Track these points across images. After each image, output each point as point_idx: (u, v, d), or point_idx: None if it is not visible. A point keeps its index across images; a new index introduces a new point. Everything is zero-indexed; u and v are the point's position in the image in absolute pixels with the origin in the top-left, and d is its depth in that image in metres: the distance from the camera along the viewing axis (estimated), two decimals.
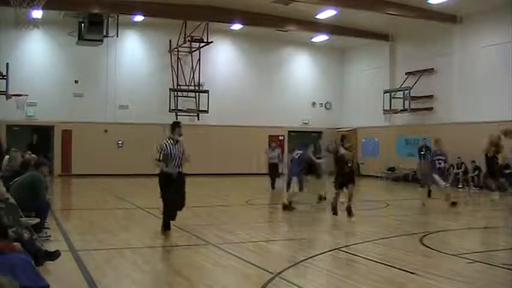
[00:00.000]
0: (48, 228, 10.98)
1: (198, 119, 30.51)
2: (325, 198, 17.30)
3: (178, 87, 30.16)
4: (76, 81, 29.11)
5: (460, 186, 24.86)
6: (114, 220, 13.59)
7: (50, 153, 27.88)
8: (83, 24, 26.52)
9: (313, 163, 17.26)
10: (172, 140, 11.54)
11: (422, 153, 25.94)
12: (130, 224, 13.12)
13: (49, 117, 28.19)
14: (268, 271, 7.94)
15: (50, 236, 10.41)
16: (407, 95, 28.56)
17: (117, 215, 14.84)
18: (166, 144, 11.44)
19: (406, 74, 29.49)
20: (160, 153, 11.38)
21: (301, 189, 16.08)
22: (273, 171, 22.97)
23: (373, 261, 8.77)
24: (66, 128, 28.84)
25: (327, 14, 26.66)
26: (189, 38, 29.01)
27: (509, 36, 23.96)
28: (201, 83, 30.65)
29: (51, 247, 8.76)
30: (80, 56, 28.77)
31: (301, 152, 16.52)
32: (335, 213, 14.01)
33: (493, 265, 8.85)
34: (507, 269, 8.51)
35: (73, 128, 28.89)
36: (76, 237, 10.68)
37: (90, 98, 29.27)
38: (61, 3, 24.02)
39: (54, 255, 7.97)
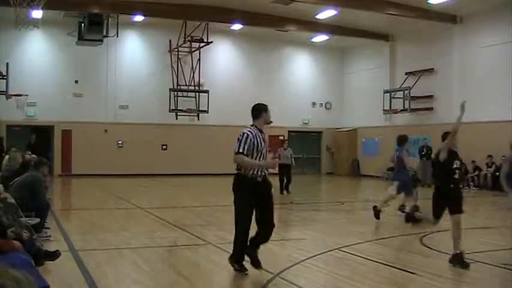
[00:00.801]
0: (48, 228, 10.98)
1: (198, 119, 30.55)
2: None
3: (178, 87, 30.17)
4: (76, 81, 29.12)
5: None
6: (114, 220, 13.59)
7: (49, 153, 27.89)
8: (82, 24, 26.52)
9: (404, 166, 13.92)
10: (258, 129, 7.80)
11: (423, 153, 25.97)
12: (130, 224, 13.11)
13: (49, 117, 28.20)
14: (268, 271, 7.93)
15: (50, 236, 10.41)
16: (407, 95, 28.57)
17: (117, 215, 14.84)
18: (251, 132, 7.68)
19: (406, 74, 29.49)
20: (244, 143, 7.58)
21: (414, 199, 13.57)
22: (284, 172, 20.82)
23: (373, 261, 8.77)
24: (66, 128, 28.84)
25: (327, 14, 26.67)
26: (189, 38, 29.02)
27: (509, 36, 23.96)
28: (201, 83, 30.67)
29: (51, 247, 8.76)
30: (80, 56, 28.77)
31: (397, 153, 13.99)
32: None
33: (493, 265, 8.84)
34: (507, 269, 8.51)
35: (73, 128, 28.90)
36: (76, 237, 10.67)
37: (90, 98, 29.27)
38: (61, 3, 24.01)
39: (54, 255, 7.97)
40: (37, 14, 22.19)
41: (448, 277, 7.77)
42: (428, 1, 24.08)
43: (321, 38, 32.24)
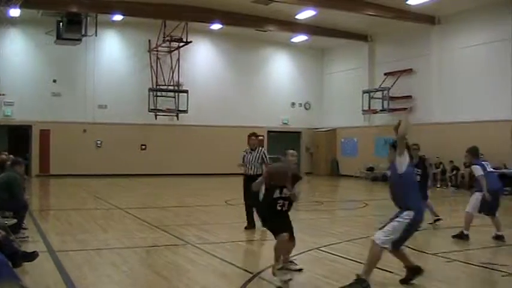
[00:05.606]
0: (25, 228, 10.87)
1: (178, 119, 30.49)
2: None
3: (158, 87, 30.09)
4: (54, 81, 28.86)
5: (438, 186, 25.11)
6: (92, 220, 13.49)
7: (27, 153, 27.63)
8: (61, 23, 26.28)
9: None
10: None
11: None
12: (109, 224, 13.02)
13: (27, 117, 27.91)
14: (247, 271, 7.95)
15: (27, 237, 10.32)
16: (386, 95, 28.74)
17: (95, 215, 14.73)
18: None
19: (385, 74, 29.68)
20: None
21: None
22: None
23: (352, 260, 8.80)
24: (44, 128, 28.56)
25: (306, 14, 26.74)
26: (168, 38, 28.94)
27: (487, 38, 24.26)
28: (180, 82, 30.61)
29: (29, 248, 8.70)
30: (58, 55, 28.55)
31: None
32: None
33: (470, 264, 8.95)
34: (483, 267, 8.61)
35: (51, 128, 28.63)
36: (54, 238, 10.59)
37: (69, 97, 29.05)
38: (39, 2, 23.85)
39: (32, 256, 7.90)
40: (15, 12, 22.02)
41: (426, 276, 7.82)
42: (407, 2, 24.24)
43: (300, 38, 32.32)
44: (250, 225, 11.99)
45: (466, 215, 10.85)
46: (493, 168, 11.75)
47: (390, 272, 7.97)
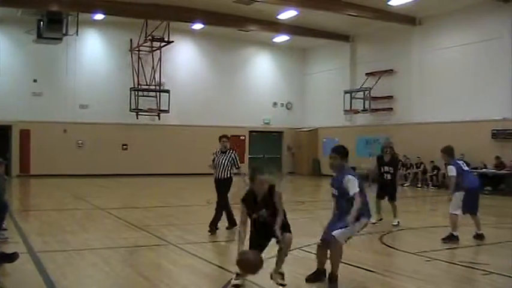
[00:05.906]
0: (5, 229, 10.78)
1: (159, 119, 30.39)
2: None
3: (139, 86, 29.97)
4: (35, 80, 28.60)
5: (419, 185, 25.27)
6: (73, 221, 13.42)
7: (7, 153, 27.35)
8: (41, 22, 26.09)
9: None
10: None
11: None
12: (90, 224, 12.96)
13: (7, 117, 27.63)
14: (229, 271, 7.94)
15: (7, 238, 10.23)
16: (368, 95, 28.88)
17: (76, 215, 14.65)
18: None
19: (366, 74, 29.81)
20: None
21: None
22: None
23: None
24: (24, 128, 28.31)
25: (288, 14, 26.80)
26: (150, 37, 28.83)
27: (467, 39, 24.49)
28: (161, 82, 30.51)
29: (9, 249, 8.63)
30: (39, 54, 28.32)
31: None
32: None
33: (451, 262, 9.02)
34: (464, 266, 8.70)
35: (32, 128, 28.39)
36: (35, 239, 10.51)
37: (49, 97, 28.80)
38: (19, 1, 23.69)
39: (12, 257, 7.84)
40: None
41: (407, 275, 7.88)
42: (388, 3, 24.36)
43: (282, 38, 32.37)
44: (231, 225, 11.84)
45: (450, 216, 10.79)
46: (473, 169, 11.82)
47: (372, 271, 8.02)
